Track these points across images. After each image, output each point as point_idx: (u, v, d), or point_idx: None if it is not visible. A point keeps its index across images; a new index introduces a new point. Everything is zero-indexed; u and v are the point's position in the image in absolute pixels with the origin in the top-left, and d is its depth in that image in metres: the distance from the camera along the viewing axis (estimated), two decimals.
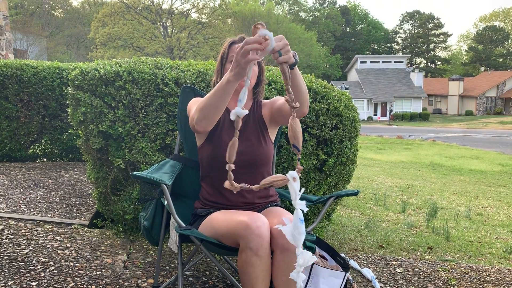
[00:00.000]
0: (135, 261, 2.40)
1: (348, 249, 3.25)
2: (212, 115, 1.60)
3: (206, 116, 1.60)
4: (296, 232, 1.26)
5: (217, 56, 1.94)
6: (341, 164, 2.76)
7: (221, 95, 1.53)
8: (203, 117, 1.61)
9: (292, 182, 1.24)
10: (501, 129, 30.77)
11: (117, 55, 33.64)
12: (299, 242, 1.26)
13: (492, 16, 65.38)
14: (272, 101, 1.89)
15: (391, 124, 37.05)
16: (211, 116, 1.60)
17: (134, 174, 1.71)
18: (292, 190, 1.24)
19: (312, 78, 2.82)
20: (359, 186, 6.69)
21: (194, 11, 41.51)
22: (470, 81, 47.76)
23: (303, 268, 1.27)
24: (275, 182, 1.29)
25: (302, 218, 1.26)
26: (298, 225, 1.25)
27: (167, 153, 2.55)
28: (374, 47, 65.98)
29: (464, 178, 10.02)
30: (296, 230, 1.26)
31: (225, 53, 1.84)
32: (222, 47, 1.88)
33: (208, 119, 1.61)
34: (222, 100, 1.55)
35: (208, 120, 1.62)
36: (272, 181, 1.29)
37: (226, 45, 1.85)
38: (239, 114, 1.30)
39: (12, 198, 3.43)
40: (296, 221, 1.26)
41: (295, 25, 45.45)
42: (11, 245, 2.46)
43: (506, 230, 4.74)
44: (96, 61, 2.65)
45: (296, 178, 1.24)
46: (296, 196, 1.25)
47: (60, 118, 4.94)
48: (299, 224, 1.25)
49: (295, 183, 1.24)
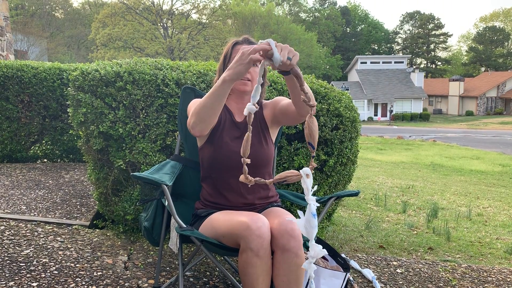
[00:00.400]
0: (135, 261, 2.41)
1: (349, 249, 3.25)
2: (208, 117, 1.60)
3: (203, 119, 1.60)
4: (308, 226, 1.32)
5: (217, 57, 1.95)
6: (342, 164, 2.77)
7: (217, 96, 1.53)
8: (199, 121, 1.61)
9: (305, 178, 1.30)
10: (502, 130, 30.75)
11: (117, 56, 33.68)
12: (311, 235, 1.33)
13: (492, 17, 65.38)
14: (275, 102, 1.89)
15: (391, 124, 37.04)
16: (207, 119, 1.60)
17: (135, 175, 1.71)
18: (305, 186, 1.30)
19: (312, 79, 2.83)
20: (360, 187, 6.69)
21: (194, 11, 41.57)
22: (470, 81, 47.73)
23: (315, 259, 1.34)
24: (289, 177, 1.34)
25: (315, 212, 1.32)
26: (311, 219, 1.31)
27: (168, 154, 2.55)
28: (374, 48, 65.98)
29: (465, 179, 10.02)
30: (309, 224, 1.32)
31: (228, 53, 1.84)
32: (225, 47, 1.88)
33: (204, 122, 1.61)
34: (218, 100, 1.55)
35: (204, 123, 1.61)
36: (286, 176, 1.34)
37: (229, 45, 1.85)
38: (251, 110, 1.33)
39: (12, 198, 3.43)
40: (309, 215, 1.32)
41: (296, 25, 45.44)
42: (12, 246, 2.46)
43: (507, 231, 4.74)
44: (97, 62, 2.65)
45: (310, 174, 1.30)
46: (309, 192, 1.31)
47: (61, 119, 4.95)
48: (312, 218, 1.31)
49: (308, 179, 1.30)
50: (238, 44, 1.83)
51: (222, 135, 1.82)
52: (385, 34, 66.07)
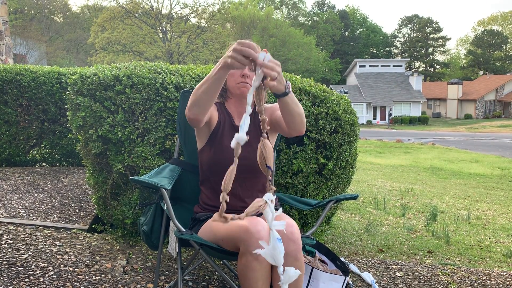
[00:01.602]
0: (134, 265, 2.40)
1: (348, 253, 3.25)
2: (203, 102, 1.59)
3: (197, 103, 1.60)
4: (275, 253, 1.31)
5: (216, 61, 1.95)
6: (341, 168, 2.77)
7: (212, 82, 1.52)
8: (194, 104, 1.61)
9: (269, 204, 1.31)
10: (500, 133, 30.81)
11: (116, 59, 33.71)
12: (279, 261, 1.32)
13: (490, 20, 65.62)
14: (272, 109, 1.89)
15: (390, 128, 37.09)
16: (201, 103, 1.60)
17: (134, 179, 1.71)
18: (268, 212, 1.31)
19: (311, 82, 2.83)
20: (359, 190, 6.69)
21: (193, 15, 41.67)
22: (469, 84, 47.85)
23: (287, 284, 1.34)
24: (260, 207, 1.33)
25: (279, 237, 1.32)
26: (276, 246, 1.31)
27: (167, 158, 2.55)
28: (373, 51, 66.15)
29: (464, 182, 10.02)
30: (275, 251, 1.31)
31: None
32: (225, 50, 1.88)
33: (199, 106, 1.61)
34: (213, 86, 1.53)
35: (199, 107, 1.61)
36: (258, 207, 1.33)
37: (230, 49, 1.85)
38: (240, 140, 1.31)
39: (11, 203, 3.43)
40: (274, 241, 1.31)
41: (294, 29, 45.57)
42: (10, 250, 2.45)
43: (506, 234, 4.74)
44: (96, 66, 2.65)
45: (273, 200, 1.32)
46: (272, 218, 1.32)
47: (60, 122, 4.94)
48: (277, 244, 1.31)
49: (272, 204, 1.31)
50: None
51: (222, 138, 1.82)
52: (383, 38, 66.27)
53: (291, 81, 2.71)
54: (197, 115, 1.64)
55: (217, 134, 1.83)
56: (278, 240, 1.30)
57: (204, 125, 1.83)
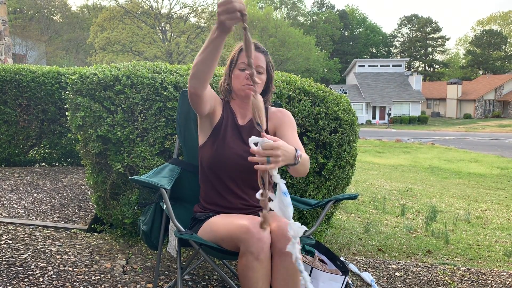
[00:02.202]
0: (134, 265, 2.40)
1: (348, 252, 3.25)
2: (201, 73, 1.59)
3: (196, 75, 1.60)
4: (282, 205, 1.30)
5: None
6: (340, 167, 2.77)
7: (210, 51, 1.52)
8: (193, 76, 1.61)
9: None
10: (500, 132, 30.83)
11: (116, 59, 33.69)
12: (287, 214, 1.29)
13: (489, 20, 65.65)
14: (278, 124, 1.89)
15: (390, 127, 37.10)
16: (200, 75, 1.59)
17: (133, 178, 1.71)
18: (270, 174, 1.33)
19: (310, 82, 2.83)
20: (358, 190, 6.69)
21: (193, 15, 41.66)
22: (468, 84, 47.87)
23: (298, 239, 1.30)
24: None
25: (285, 191, 1.30)
26: (283, 198, 1.29)
27: (166, 157, 2.55)
28: (372, 51, 66.15)
29: (463, 181, 10.03)
30: (282, 203, 1.29)
31: (234, 58, 1.85)
32: (225, 50, 1.88)
33: (198, 78, 1.60)
34: (210, 55, 1.53)
35: (198, 79, 1.61)
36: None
37: (236, 50, 1.86)
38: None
39: (10, 202, 3.42)
40: (280, 195, 1.30)
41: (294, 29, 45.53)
42: (10, 250, 2.45)
43: (505, 233, 4.75)
44: (95, 66, 2.65)
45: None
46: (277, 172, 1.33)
47: (59, 122, 4.94)
48: (284, 197, 1.29)
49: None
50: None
51: (226, 136, 1.83)
52: (383, 38, 66.28)
53: (290, 81, 2.71)
54: (197, 88, 1.64)
55: (220, 129, 1.84)
56: (284, 194, 1.29)
57: (206, 117, 1.83)
